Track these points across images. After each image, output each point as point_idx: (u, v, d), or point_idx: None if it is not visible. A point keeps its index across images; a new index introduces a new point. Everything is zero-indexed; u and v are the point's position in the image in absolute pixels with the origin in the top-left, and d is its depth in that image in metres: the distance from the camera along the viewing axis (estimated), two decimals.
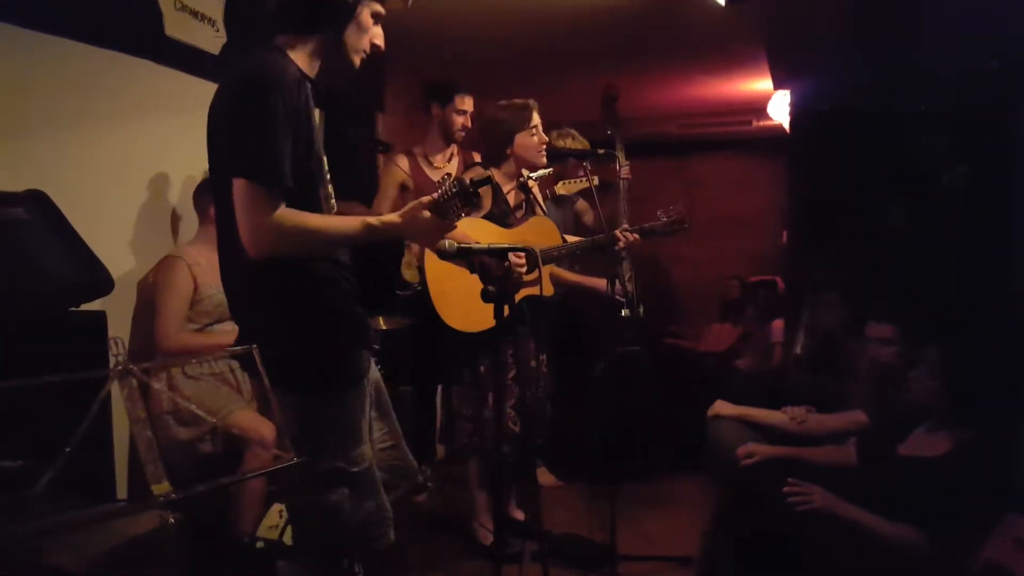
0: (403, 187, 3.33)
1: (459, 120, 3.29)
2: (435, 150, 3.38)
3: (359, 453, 1.67)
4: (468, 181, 1.60)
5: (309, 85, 1.58)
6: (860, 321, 2.80)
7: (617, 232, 2.83)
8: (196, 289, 2.57)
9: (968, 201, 3.74)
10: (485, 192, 2.74)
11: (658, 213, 2.95)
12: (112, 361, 1.23)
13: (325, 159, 1.68)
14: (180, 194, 2.84)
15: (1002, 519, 1.92)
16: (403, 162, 3.34)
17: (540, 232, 2.81)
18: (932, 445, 2.22)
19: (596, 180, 2.95)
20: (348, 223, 1.59)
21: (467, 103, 3.29)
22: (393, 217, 1.63)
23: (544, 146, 2.74)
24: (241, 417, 2.50)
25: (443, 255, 1.74)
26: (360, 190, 3.61)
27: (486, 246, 1.79)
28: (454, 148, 3.41)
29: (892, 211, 4.24)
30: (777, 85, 4.88)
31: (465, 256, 1.76)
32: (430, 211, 1.62)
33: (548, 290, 2.77)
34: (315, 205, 1.60)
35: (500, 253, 1.80)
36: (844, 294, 3.56)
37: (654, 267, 6.46)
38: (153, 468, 1.09)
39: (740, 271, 6.27)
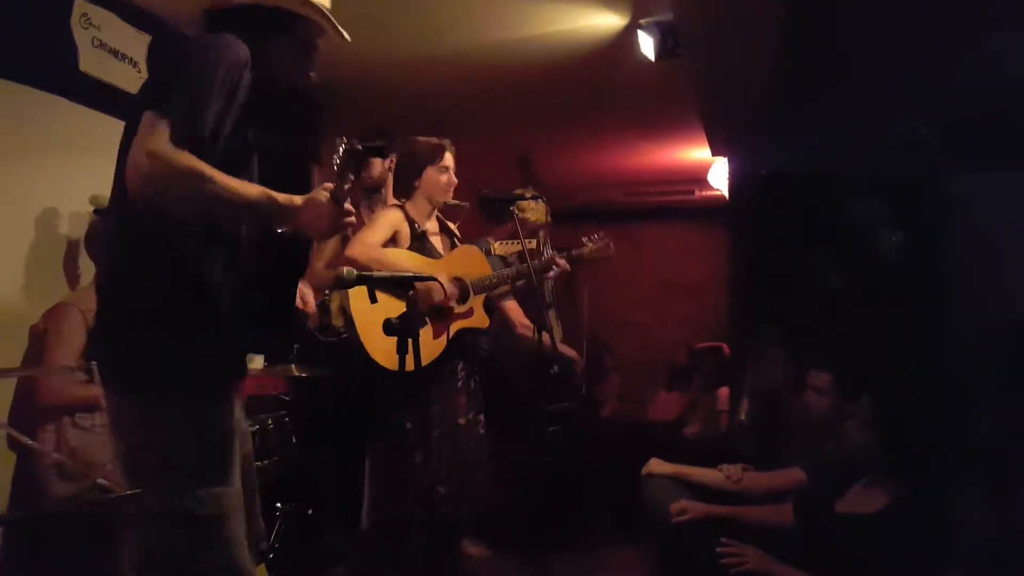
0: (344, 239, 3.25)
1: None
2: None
3: (214, 494, 1.41)
4: (359, 143, 1.53)
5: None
6: (803, 377, 2.76)
7: (553, 257, 2.81)
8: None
9: (904, 263, 3.81)
10: (401, 227, 2.65)
11: (582, 239, 2.93)
12: None
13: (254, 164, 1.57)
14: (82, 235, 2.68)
15: None
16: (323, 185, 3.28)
17: (468, 262, 2.71)
18: (868, 501, 2.15)
19: (532, 244, 2.93)
20: (245, 185, 1.46)
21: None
22: (296, 198, 1.52)
23: (452, 189, 2.69)
24: None
25: (341, 283, 1.63)
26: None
27: (388, 274, 1.67)
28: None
29: (830, 275, 4.29)
30: (715, 152, 4.98)
31: (365, 283, 1.64)
32: (330, 195, 1.52)
33: (484, 321, 2.66)
34: None
35: (404, 282, 1.68)
36: (789, 350, 3.53)
37: (597, 333, 6.39)
38: None
39: (687, 337, 6.25)
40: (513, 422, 3.43)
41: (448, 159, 2.68)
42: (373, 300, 1.65)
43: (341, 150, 1.53)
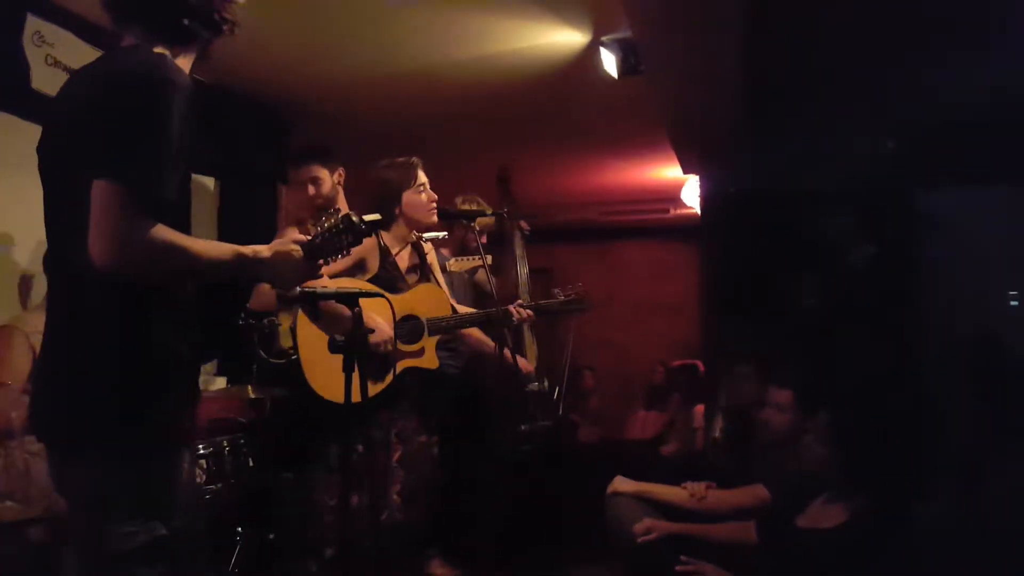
0: None
1: (310, 189, 2.88)
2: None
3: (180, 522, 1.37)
4: (358, 218, 1.47)
5: None
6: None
7: (511, 308, 2.74)
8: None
9: (871, 278, 3.84)
10: (371, 254, 2.61)
11: (555, 291, 2.91)
12: None
13: None
14: (33, 257, 2.63)
15: None
16: (292, 235, 3.17)
17: (428, 300, 2.68)
18: (829, 516, 2.15)
19: (490, 259, 2.91)
20: (219, 249, 1.38)
21: (314, 172, 2.89)
22: (263, 249, 1.45)
23: (434, 204, 2.66)
24: None
25: (284, 299, 1.59)
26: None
27: (333, 290, 1.64)
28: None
29: (799, 290, 4.31)
30: (686, 170, 5.00)
31: (308, 301, 1.61)
32: (303, 250, 1.47)
33: (432, 363, 2.62)
34: (187, 230, 1.39)
35: (349, 298, 1.65)
36: (757, 367, 3.52)
37: (577, 351, 6.37)
38: None
39: (665, 355, 6.24)
40: (485, 442, 3.39)
41: (421, 176, 2.65)
42: (315, 317, 1.61)
43: (333, 220, 1.48)
